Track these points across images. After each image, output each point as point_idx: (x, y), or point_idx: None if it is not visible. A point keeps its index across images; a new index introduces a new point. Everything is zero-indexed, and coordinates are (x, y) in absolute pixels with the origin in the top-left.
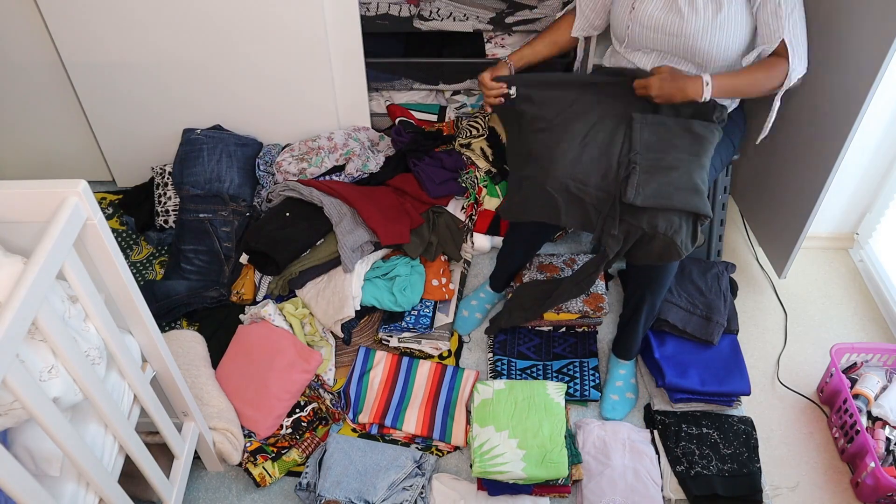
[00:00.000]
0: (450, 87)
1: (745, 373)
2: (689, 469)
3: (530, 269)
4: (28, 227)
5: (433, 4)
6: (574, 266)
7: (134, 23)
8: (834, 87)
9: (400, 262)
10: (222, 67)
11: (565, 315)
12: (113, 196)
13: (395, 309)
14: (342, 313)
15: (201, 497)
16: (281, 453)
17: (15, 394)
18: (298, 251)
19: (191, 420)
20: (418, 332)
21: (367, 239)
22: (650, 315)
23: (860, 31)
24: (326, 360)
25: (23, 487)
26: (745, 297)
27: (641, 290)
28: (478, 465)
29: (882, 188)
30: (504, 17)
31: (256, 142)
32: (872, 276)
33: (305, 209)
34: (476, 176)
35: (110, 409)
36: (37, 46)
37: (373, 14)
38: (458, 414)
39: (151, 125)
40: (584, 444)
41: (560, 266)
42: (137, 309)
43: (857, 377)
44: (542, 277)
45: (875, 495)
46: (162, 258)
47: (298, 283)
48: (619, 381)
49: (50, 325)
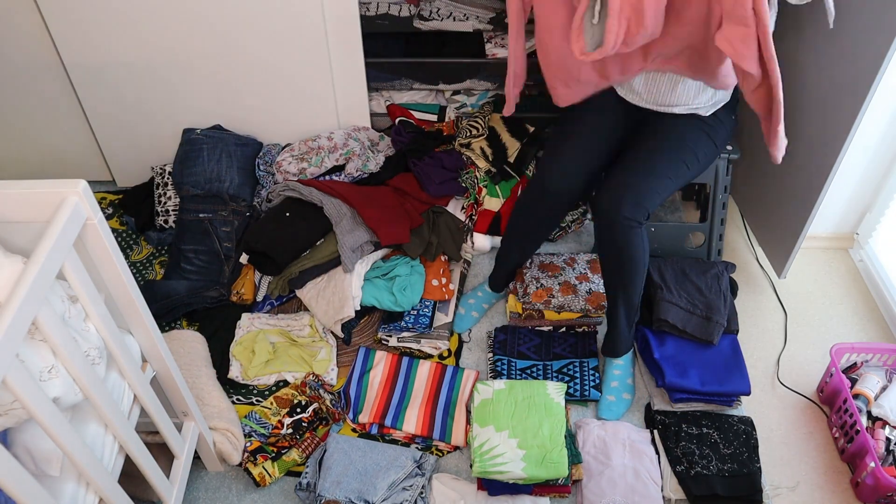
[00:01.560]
0: (450, 87)
1: (745, 373)
2: (689, 469)
3: (531, 268)
4: (28, 227)
5: (433, 4)
6: (574, 266)
7: (134, 23)
8: (834, 86)
9: (400, 262)
10: (222, 67)
11: (566, 314)
12: (113, 196)
13: (395, 309)
14: (342, 313)
15: (201, 497)
16: (281, 453)
17: (15, 394)
18: (298, 251)
19: (191, 420)
20: (417, 331)
21: (366, 239)
22: (629, 310)
23: (860, 30)
24: (327, 361)
25: (23, 487)
26: (745, 297)
27: (614, 285)
28: (478, 465)
29: (882, 188)
30: (504, 17)
31: (256, 142)
32: (872, 276)
33: (305, 209)
34: (476, 176)
35: (110, 409)
36: (37, 47)
37: (373, 14)
38: (458, 414)
39: (151, 125)
40: (584, 444)
41: (560, 265)
42: (137, 309)
43: (857, 377)
44: (544, 276)
45: (875, 495)
46: (162, 258)
47: (298, 282)
48: (614, 381)
49: (50, 325)
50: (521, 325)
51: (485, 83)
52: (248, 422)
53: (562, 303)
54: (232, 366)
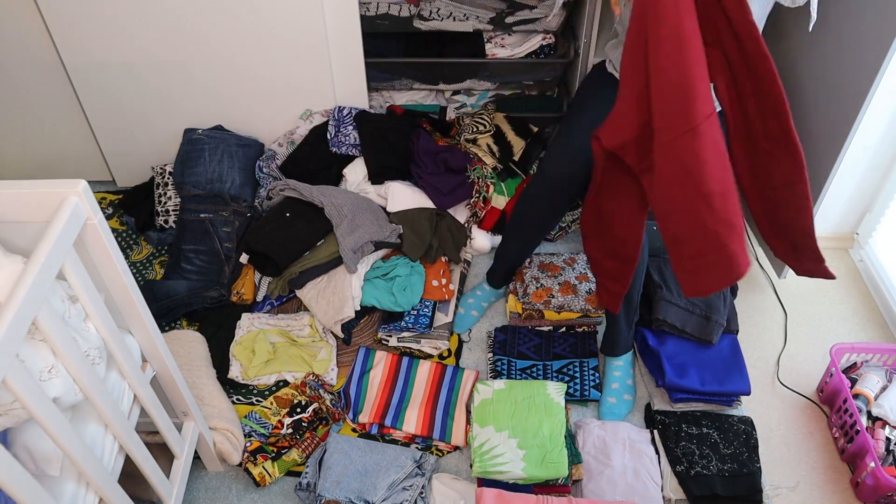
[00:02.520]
0: (450, 87)
1: (745, 373)
2: (689, 469)
3: (531, 268)
4: (28, 227)
5: (433, 4)
6: (574, 266)
7: (134, 23)
8: (834, 86)
9: (400, 263)
10: (221, 68)
11: (566, 314)
12: (113, 196)
13: (395, 309)
14: (342, 313)
15: (201, 497)
16: (281, 453)
17: (15, 394)
18: (298, 252)
19: (191, 420)
20: (417, 331)
21: (367, 239)
22: (628, 308)
23: (860, 30)
24: (327, 361)
25: (23, 487)
26: (745, 297)
27: None
28: (478, 465)
29: (882, 188)
30: (504, 16)
31: (258, 142)
32: (872, 276)
33: (305, 209)
34: (484, 172)
35: (110, 409)
36: (37, 47)
37: (373, 14)
38: (458, 414)
39: (151, 125)
40: (584, 444)
41: (560, 265)
42: (137, 309)
43: (857, 377)
44: (544, 276)
45: (875, 495)
46: (162, 258)
47: (298, 283)
48: (614, 382)
49: (50, 325)
50: (522, 325)
51: (485, 83)
52: (248, 422)
53: (562, 303)
54: (232, 366)
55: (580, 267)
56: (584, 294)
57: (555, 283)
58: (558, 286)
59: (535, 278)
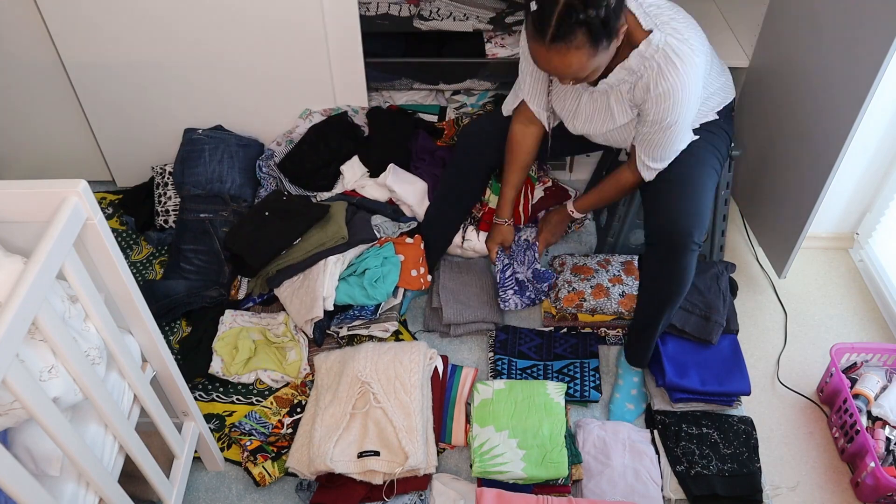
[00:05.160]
0: (450, 87)
1: (745, 373)
2: (689, 469)
3: (564, 272)
4: (28, 227)
5: (433, 4)
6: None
7: (134, 23)
8: (834, 86)
9: (370, 255)
10: (221, 67)
11: (600, 317)
12: (113, 196)
13: (368, 303)
14: (312, 313)
15: (201, 497)
16: (281, 453)
17: (15, 394)
18: (273, 253)
19: (191, 420)
20: (365, 318)
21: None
22: (665, 325)
23: (860, 30)
24: (298, 362)
25: (23, 487)
26: (745, 297)
27: (659, 305)
28: (478, 465)
29: (882, 188)
30: (504, 16)
31: (258, 143)
32: (872, 276)
33: (284, 207)
34: None
35: (110, 409)
36: (37, 46)
37: (373, 14)
38: (457, 413)
39: (151, 125)
40: (584, 444)
41: (594, 267)
42: (137, 309)
43: (857, 377)
44: (576, 280)
45: (875, 495)
46: (162, 258)
47: (275, 282)
48: (633, 388)
49: (50, 325)
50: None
51: (485, 83)
52: (249, 421)
53: (594, 306)
54: (214, 361)
55: (614, 269)
56: (616, 297)
57: (587, 286)
58: (590, 289)
59: (567, 282)
